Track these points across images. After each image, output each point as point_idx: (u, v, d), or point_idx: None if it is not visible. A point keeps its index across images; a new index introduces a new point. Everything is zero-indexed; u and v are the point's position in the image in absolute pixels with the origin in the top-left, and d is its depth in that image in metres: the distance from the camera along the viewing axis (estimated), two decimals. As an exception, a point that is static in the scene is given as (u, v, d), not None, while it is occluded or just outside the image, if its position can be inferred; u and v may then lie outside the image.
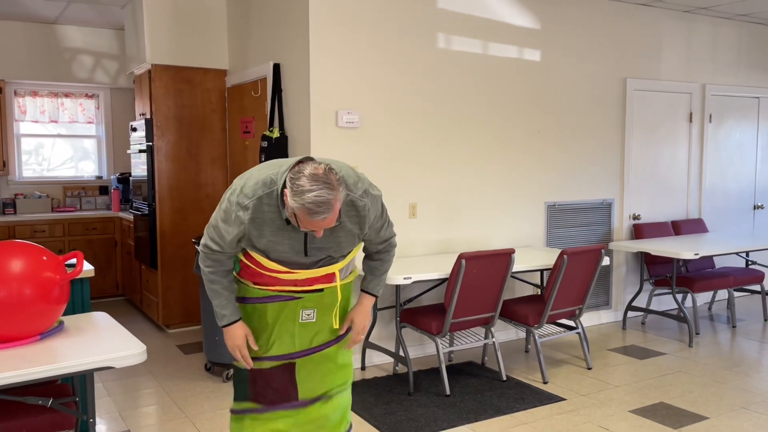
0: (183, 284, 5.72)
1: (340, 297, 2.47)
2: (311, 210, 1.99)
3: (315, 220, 2.02)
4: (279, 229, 2.20)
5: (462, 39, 5.01)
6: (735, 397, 4.09)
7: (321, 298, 2.42)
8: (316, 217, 2.01)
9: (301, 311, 2.41)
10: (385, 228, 2.43)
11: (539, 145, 5.47)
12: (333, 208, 2.02)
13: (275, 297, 2.38)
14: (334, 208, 2.02)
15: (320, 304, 2.42)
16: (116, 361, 2.27)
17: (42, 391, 2.64)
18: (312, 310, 2.41)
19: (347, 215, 2.24)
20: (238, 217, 2.18)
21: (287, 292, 2.37)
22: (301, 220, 2.05)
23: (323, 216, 2.01)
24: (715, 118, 6.61)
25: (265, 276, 2.36)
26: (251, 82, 5.23)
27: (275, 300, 2.39)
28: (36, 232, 6.55)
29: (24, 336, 2.36)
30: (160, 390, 4.27)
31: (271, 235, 2.20)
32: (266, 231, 2.19)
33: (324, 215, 2.01)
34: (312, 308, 2.41)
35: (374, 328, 4.73)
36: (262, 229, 2.19)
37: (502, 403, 3.98)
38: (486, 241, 5.27)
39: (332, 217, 2.03)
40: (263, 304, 2.40)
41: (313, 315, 2.42)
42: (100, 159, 7.45)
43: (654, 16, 6.04)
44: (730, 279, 5.70)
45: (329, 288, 2.42)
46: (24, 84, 6.91)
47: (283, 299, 2.38)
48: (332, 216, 2.03)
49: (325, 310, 2.44)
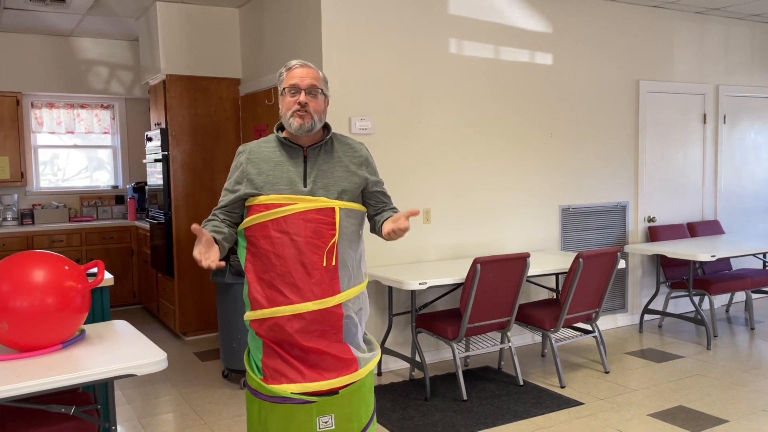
0: (199, 292, 5.76)
1: (364, 382, 2.33)
2: (290, 65, 2.31)
3: (295, 71, 2.29)
4: (277, 164, 2.33)
5: (474, 44, 5.02)
6: (755, 400, 4.05)
7: (339, 402, 2.28)
8: (295, 67, 2.29)
9: (317, 419, 2.26)
10: (387, 193, 2.49)
11: (552, 149, 5.46)
12: (309, 64, 2.33)
13: (286, 399, 2.26)
14: (310, 64, 2.33)
15: (339, 407, 2.28)
16: (138, 369, 2.29)
17: (64, 399, 2.67)
18: (329, 417, 2.28)
19: (344, 153, 2.39)
20: (239, 163, 2.36)
21: (299, 395, 2.25)
22: (287, 82, 2.29)
23: (301, 64, 2.30)
24: (729, 119, 6.57)
25: (271, 257, 2.26)
26: (265, 90, 5.27)
27: (286, 402, 2.26)
28: (54, 242, 6.62)
29: (46, 345, 2.39)
30: (179, 397, 4.30)
31: (270, 170, 2.32)
32: (264, 167, 2.33)
33: (302, 65, 2.30)
34: (329, 414, 2.28)
35: (390, 333, 4.74)
36: (260, 166, 2.33)
37: (520, 408, 3.97)
38: (500, 246, 5.26)
39: (311, 71, 2.30)
40: (272, 404, 2.28)
41: (332, 422, 2.28)
42: (116, 169, 7.52)
43: (666, 18, 6.02)
44: (747, 281, 5.65)
45: (346, 390, 2.30)
46: (40, 96, 7.00)
47: (294, 402, 2.26)
48: (311, 70, 2.30)
49: (345, 415, 2.30)
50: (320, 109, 2.31)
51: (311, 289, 2.26)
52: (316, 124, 2.31)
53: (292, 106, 2.28)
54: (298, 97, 2.27)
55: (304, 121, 2.28)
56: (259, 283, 2.32)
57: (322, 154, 2.36)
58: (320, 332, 2.29)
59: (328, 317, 2.29)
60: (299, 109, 2.27)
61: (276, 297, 2.28)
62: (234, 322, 4.35)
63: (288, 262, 2.26)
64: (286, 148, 2.35)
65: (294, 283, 2.26)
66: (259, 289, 2.32)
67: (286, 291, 2.27)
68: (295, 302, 2.26)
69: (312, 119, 2.29)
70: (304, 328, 2.27)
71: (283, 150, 2.35)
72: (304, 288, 2.26)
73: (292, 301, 2.26)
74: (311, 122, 2.29)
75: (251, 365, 2.41)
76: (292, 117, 2.29)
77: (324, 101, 2.35)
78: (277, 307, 2.28)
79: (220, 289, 4.43)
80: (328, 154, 2.37)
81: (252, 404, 2.40)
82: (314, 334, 2.28)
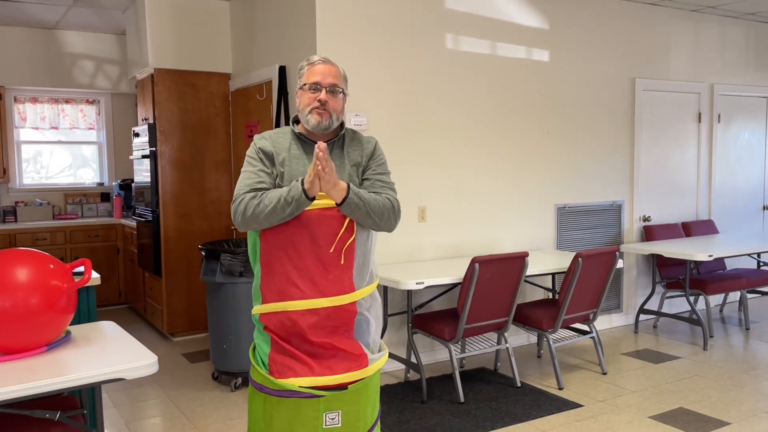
0: (188, 291, 5.63)
1: (372, 382, 2.30)
2: (312, 60, 2.29)
3: (317, 67, 2.26)
4: (294, 157, 2.29)
5: (470, 39, 4.93)
6: (755, 402, 4.00)
7: (347, 398, 2.25)
8: (317, 63, 2.27)
9: (324, 416, 2.22)
10: (386, 180, 2.35)
11: (548, 147, 5.39)
12: (331, 60, 2.30)
13: (294, 393, 2.21)
14: (332, 61, 2.31)
15: (346, 404, 2.24)
16: (127, 373, 2.17)
17: (49, 404, 2.55)
18: (336, 413, 2.24)
19: (353, 149, 2.36)
20: (259, 149, 2.30)
21: (307, 389, 2.21)
22: (308, 78, 2.27)
23: (323, 60, 2.27)
24: (724, 118, 6.54)
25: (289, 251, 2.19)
26: (256, 85, 5.15)
27: (293, 396, 2.22)
28: (37, 240, 6.46)
29: (31, 347, 2.27)
30: (167, 400, 4.17)
31: (289, 162, 2.29)
32: (283, 154, 2.30)
33: (324, 61, 2.28)
34: (336, 410, 2.23)
35: (385, 334, 4.64)
36: (282, 155, 2.30)
37: (518, 410, 3.89)
38: (496, 245, 5.18)
39: (333, 68, 2.28)
40: (278, 398, 2.23)
41: (338, 419, 2.24)
42: (101, 165, 7.36)
43: (662, 16, 5.97)
44: (742, 281, 5.62)
45: (355, 386, 2.26)
46: (24, 90, 6.82)
47: (301, 396, 2.21)
48: (333, 67, 2.28)
49: (351, 413, 2.26)
50: (339, 108, 2.30)
51: (327, 286, 2.22)
52: (333, 122, 2.30)
53: (311, 103, 2.27)
54: (318, 95, 2.26)
55: (322, 118, 2.27)
56: (273, 276, 2.26)
57: (335, 149, 2.34)
58: (332, 328, 2.25)
59: (341, 314, 2.24)
60: (318, 107, 2.26)
61: (291, 291, 2.23)
62: (225, 323, 4.23)
63: (305, 257, 2.22)
64: (301, 143, 2.33)
65: (311, 278, 2.22)
66: (272, 282, 2.26)
67: (301, 285, 2.22)
68: (311, 297, 2.21)
69: (330, 117, 2.28)
70: (317, 323, 2.22)
71: (299, 144, 2.33)
72: (320, 283, 2.22)
73: (307, 296, 2.21)
74: (329, 120, 2.28)
75: (257, 360, 2.33)
76: (310, 114, 2.27)
77: (343, 99, 2.33)
78: (291, 301, 2.22)
79: (210, 289, 4.31)
80: (340, 150, 2.35)
81: (256, 400, 2.32)
82: (326, 329, 2.24)
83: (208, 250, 4.26)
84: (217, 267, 4.19)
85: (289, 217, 2.17)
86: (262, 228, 2.22)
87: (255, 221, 2.19)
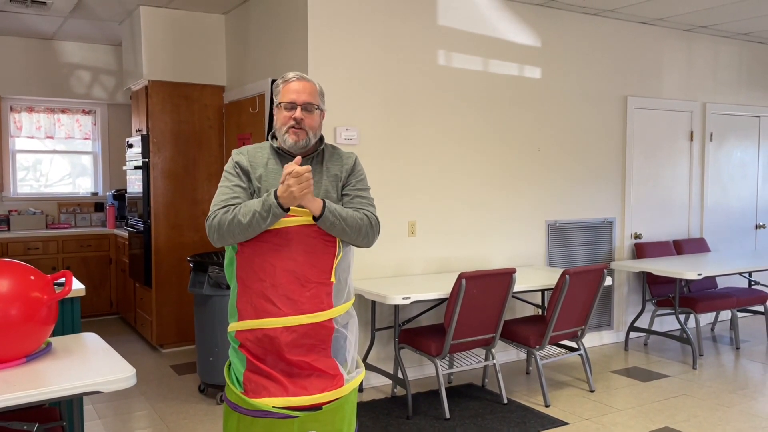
0: (177, 303, 5.62)
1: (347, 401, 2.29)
2: (287, 78, 2.28)
3: (291, 84, 2.26)
4: (272, 171, 2.29)
5: (462, 56, 4.97)
6: (743, 422, 3.99)
7: (322, 418, 2.23)
8: (292, 81, 2.27)
9: None
10: (365, 195, 2.34)
11: (539, 163, 5.41)
12: (306, 77, 2.29)
13: (267, 413, 2.20)
14: (307, 77, 2.30)
15: (321, 424, 2.24)
16: (104, 386, 2.17)
17: (28, 416, 2.54)
18: None
19: (333, 164, 2.36)
20: (236, 163, 2.30)
21: (281, 409, 2.19)
22: (283, 96, 2.27)
23: (298, 77, 2.27)
24: (716, 136, 6.57)
25: (266, 267, 2.19)
26: (249, 98, 5.18)
27: (267, 416, 2.20)
28: (29, 249, 6.46)
29: (9, 358, 2.27)
30: (152, 412, 4.16)
31: (266, 177, 2.29)
32: (260, 170, 2.30)
33: (299, 78, 2.28)
34: (311, 431, 2.23)
35: (372, 348, 4.63)
36: (258, 171, 2.30)
37: (504, 428, 3.88)
38: (486, 260, 5.18)
39: (308, 85, 2.27)
40: (252, 418, 2.21)
41: None
42: (96, 175, 7.38)
43: (655, 35, 6.01)
44: (733, 299, 5.62)
45: (329, 406, 2.25)
46: (20, 99, 6.85)
47: (275, 416, 2.19)
48: (308, 84, 2.27)
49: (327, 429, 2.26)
50: (315, 124, 2.30)
51: (305, 303, 2.21)
52: (310, 140, 2.30)
53: (287, 122, 2.27)
54: (293, 113, 2.26)
55: (299, 138, 2.27)
56: (249, 293, 2.24)
57: (313, 164, 2.33)
58: (309, 346, 2.24)
59: (318, 331, 2.23)
60: (294, 125, 2.26)
61: (268, 308, 2.21)
62: (212, 335, 4.23)
63: (282, 274, 2.20)
64: (280, 157, 2.33)
65: (287, 296, 2.20)
66: (249, 299, 2.24)
67: (278, 302, 2.20)
68: (288, 314, 2.20)
69: (307, 136, 2.29)
70: (294, 341, 2.21)
71: (277, 158, 2.33)
72: (297, 300, 2.21)
73: (284, 313, 2.20)
74: (306, 139, 2.29)
75: (231, 378, 2.32)
76: (287, 133, 2.28)
77: (320, 115, 2.34)
78: (268, 319, 2.21)
79: (198, 301, 4.31)
80: (319, 165, 2.35)
81: (230, 419, 2.30)
82: (304, 347, 2.23)
83: (196, 262, 4.26)
84: (205, 279, 4.19)
85: (264, 228, 2.17)
86: (237, 242, 2.22)
87: (230, 235, 2.19)
